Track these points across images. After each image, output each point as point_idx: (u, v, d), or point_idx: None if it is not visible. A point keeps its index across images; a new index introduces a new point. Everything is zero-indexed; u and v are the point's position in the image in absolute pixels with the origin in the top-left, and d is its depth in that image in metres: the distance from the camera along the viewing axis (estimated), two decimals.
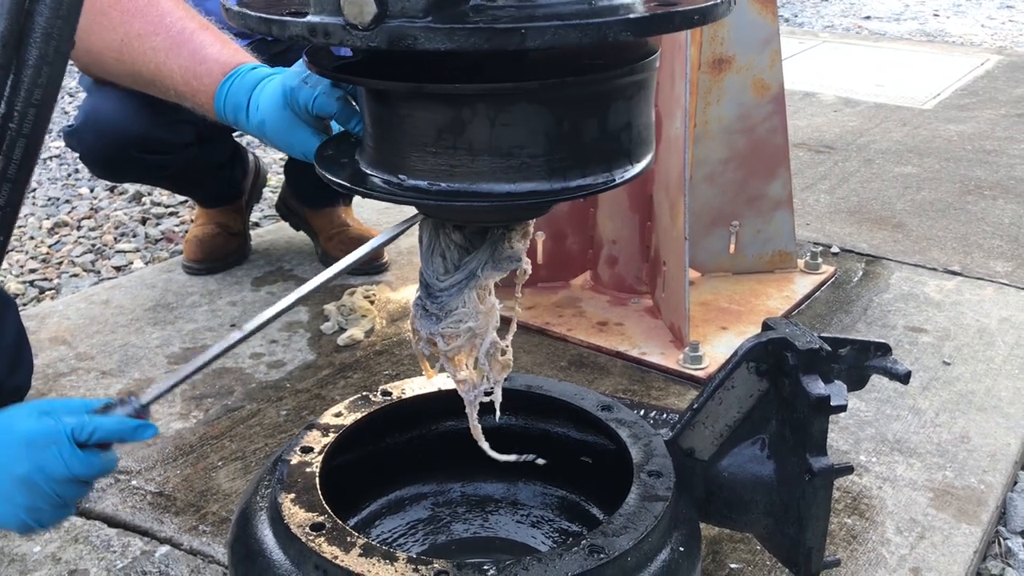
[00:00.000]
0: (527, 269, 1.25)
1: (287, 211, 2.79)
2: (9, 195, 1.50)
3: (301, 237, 2.81)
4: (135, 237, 3.27)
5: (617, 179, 1.07)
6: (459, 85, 1.00)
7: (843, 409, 1.22)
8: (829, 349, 1.24)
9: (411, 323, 1.22)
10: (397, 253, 2.68)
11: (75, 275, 2.99)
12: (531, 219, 1.18)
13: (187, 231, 2.86)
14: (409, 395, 1.46)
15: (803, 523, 1.26)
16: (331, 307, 2.38)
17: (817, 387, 1.21)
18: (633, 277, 2.40)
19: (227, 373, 2.13)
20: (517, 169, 1.01)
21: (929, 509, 1.69)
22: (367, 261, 2.57)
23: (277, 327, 2.33)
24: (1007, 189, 3.25)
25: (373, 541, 1.15)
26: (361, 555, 1.12)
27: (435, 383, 1.47)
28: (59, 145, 4.21)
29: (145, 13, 1.45)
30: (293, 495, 1.23)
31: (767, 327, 1.29)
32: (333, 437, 1.35)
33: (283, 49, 2.35)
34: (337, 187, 1.11)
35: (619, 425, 1.38)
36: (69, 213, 3.49)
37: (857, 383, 1.34)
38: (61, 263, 3.08)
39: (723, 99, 2.32)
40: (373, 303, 2.40)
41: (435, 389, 1.47)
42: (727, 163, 2.37)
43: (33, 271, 3.02)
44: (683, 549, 1.21)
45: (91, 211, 3.51)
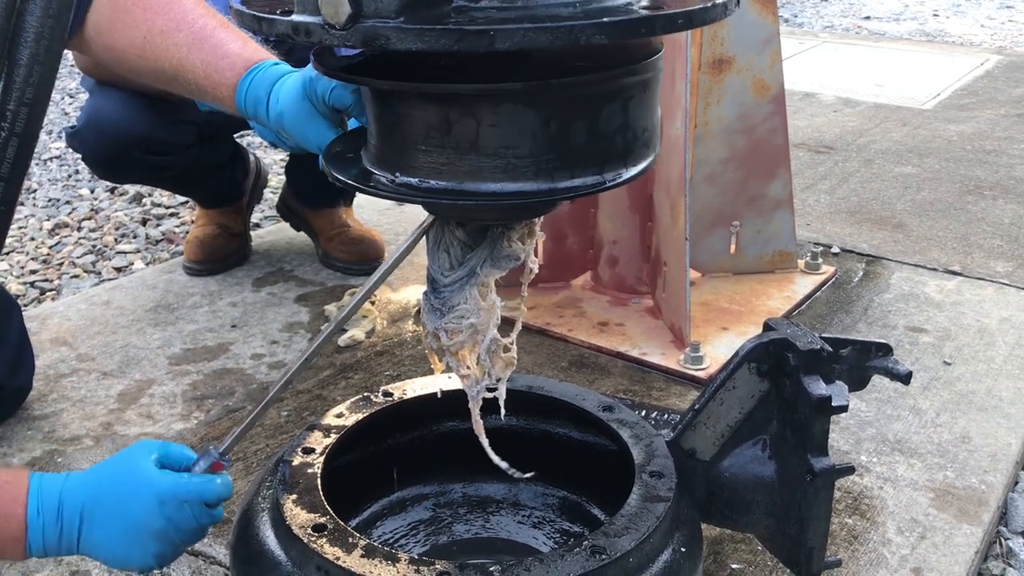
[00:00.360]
0: (533, 269, 1.25)
1: (288, 212, 2.79)
2: (3, 193, 1.50)
3: (302, 238, 2.81)
4: (136, 238, 3.27)
5: (608, 182, 1.06)
6: (444, 84, 1.01)
7: (844, 410, 1.22)
8: (830, 350, 1.24)
9: (421, 316, 1.24)
10: None
11: (76, 276, 2.99)
12: (525, 219, 1.18)
13: (188, 232, 2.86)
14: (410, 396, 1.47)
15: (804, 523, 1.26)
16: (332, 308, 2.39)
17: (818, 387, 1.21)
18: (634, 277, 2.40)
19: (228, 374, 2.13)
20: (504, 169, 1.01)
21: (930, 509, 1.69)
22: (367, 261, 2.59)
23: (278, 327, 2.33)
24: (1007, 189, 3.25)
25: (375, 542, 1.15)
26: (363, 556, 1.12)
27: (436, 384, 1.47)
28: (60, 146, 4.21)
29: (167, 11, 1.48)
30: (295, 496, 1.23)
31: (768, 327, 1.29)
32: (335, 438, 1.35)
33: (288, 48, 2.36)
34: (333, 180, 1.13)
35: (620, 426, 1.38)
36: (70, 214, 3.49)
37: (858, 383, 1.34)
38: (62, 264, 3.08)
39: (723, 99, 2.33)
40: (374, 304, 2.40)
41: (436, 390, 1.47)
42: (727, 163, 2.37)
43: (34, 272, 3.02)
44: (685, 550, 1.21)
45: (92, 212, 3.51)
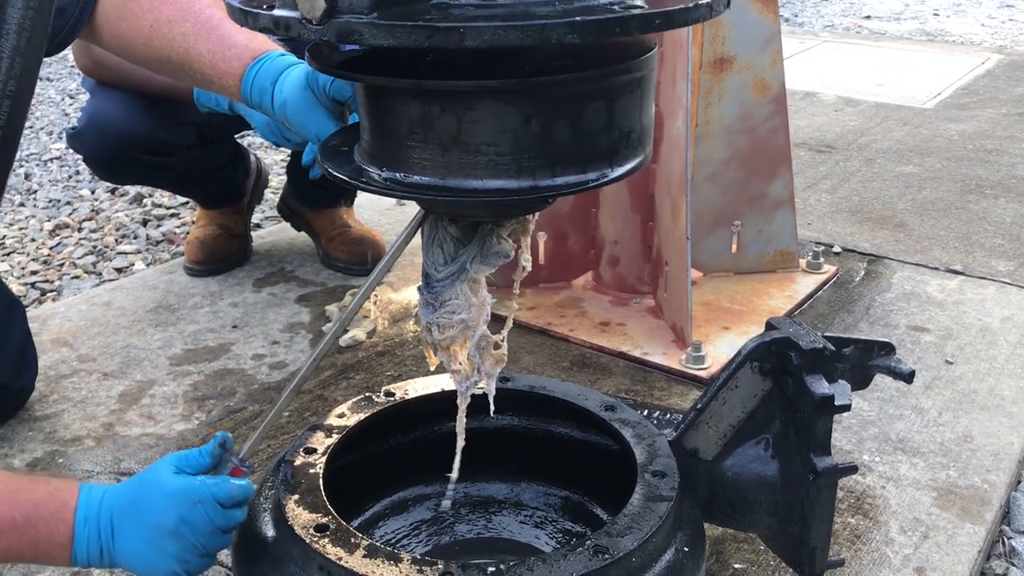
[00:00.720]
0: (526, 267, 1.26)
1: (288, 212, 2.79)
2: None
3: (302, 238, 2.81)
4: (136, 239, 3.27)
5: (592, 181, 1.05)
6: (424, 81, 1.01)
7: (847, 409, 1.22)
8: (833, 348, 1.24)
9: (418, 310, 1.25)
10: None
11: (76, 277, 2.99)
12: (511, 217, 1.17)
13: (188, 232, 2.86)
14: (412, 396, 1.47)
15: (807, 523, 1.26)
16: (333, 308, 2.38)
17: (821, 387, 1.21)
18: (635, 277, 2.39)
19: (229, 374, 2.13)
20: (486, 166, 1.02)
21: (933, 509, 1.68)
22: (368, 262, 2.59)
23: (279, 328, 2.33)
24: (1008, 188, 3.25)
25: (377, 542, 1.15)
26: (365, 556, 1.12)
27: (438, 383, 1.47)
28: (60, 147, 4.21)
29: (174, 1, 1.50)
30: (297, 496, 1.23)
31: (770, 327, 1.29)
32: (336, 438, 1.35)
33: (294, 40, 2.36)
34: (324, 172, 1.14)
35: (623, 425, 1.38)
36: (70, 215, 3.49)
37: (861, 382, 1.34)
38: (62, 265, 3.08)
39: (724, 99, 2.32)
40: (375, 304, 2.40)
41: (438, 390, 1.47)
42: (729, 163, 2.37)
43: (34, 273, 3.02)
44: (687, 549, 1.21)
45: (92, 213, 3.50)
